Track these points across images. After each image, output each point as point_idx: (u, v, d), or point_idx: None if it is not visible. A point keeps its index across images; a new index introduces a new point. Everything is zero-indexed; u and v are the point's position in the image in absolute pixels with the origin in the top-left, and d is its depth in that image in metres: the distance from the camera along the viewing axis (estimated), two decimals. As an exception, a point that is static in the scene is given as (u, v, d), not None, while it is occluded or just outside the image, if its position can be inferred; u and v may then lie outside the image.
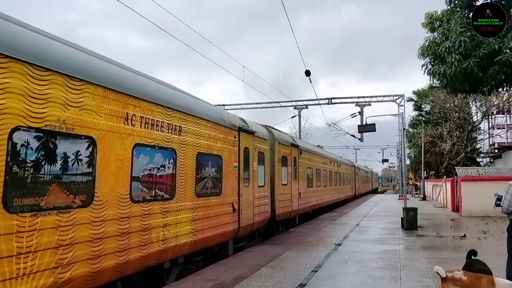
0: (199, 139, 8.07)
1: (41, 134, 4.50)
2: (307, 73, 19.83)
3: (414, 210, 14.95)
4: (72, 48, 5.42)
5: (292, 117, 34.25)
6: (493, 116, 39.22)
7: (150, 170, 6.51)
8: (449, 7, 14.69)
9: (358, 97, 27.26)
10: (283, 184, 14.23)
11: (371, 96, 27.24)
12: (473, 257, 5.99)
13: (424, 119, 43.06)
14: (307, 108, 30.59)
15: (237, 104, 30.15)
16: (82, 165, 5.04)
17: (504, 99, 34.17)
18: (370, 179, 63.53)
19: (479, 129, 40.23)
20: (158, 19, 12.24)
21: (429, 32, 15.33)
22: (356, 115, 26.57)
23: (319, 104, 29.07)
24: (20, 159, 4.27)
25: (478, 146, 41.60)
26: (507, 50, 12.74)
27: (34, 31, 4.95)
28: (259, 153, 11.64)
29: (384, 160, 75.07)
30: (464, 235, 12.64)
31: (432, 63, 14.60)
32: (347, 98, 28.18)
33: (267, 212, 12.32)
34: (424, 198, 36.38)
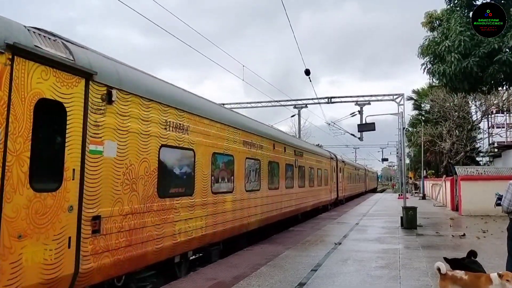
0: None
1: None
2: (307, 72, 19.81)
3: (414, 209, 14.95)
4: None
5: (292, 116, 34.26)
6: (492, 115, 39.19)
7: None
8: (448, 6, 14.69)
9: (358, 96, 27.32)
10: None
11: (371, 95, 27.30)
12: (472, 258, 5.97)
13: (423, 118, 43.05)
14: (307, 107, 30.66)
15: (236, 103, 30.18)
16: None
17: (503, 98, 34.14)
18: (363, 178, 51.65)
19: (479, 128, 40.25)
20: (157, 18, 12.22)
21: (428, 31, 15.33)
22: (356, 114, 26.64)
23: (319, 103, 29.11)
24: None
25: (477, 145, 41.59)
26: (507, 49, 12.74)
27: None
28: None
29: (384, 159, 75.12)
30: (464, 234, 12.65)
31: (431, 62, 14.61)
32: (346, 97, 28.23)
33: None
34: (423, 197, 36.41)
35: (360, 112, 26.27)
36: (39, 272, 4.64)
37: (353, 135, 30.62)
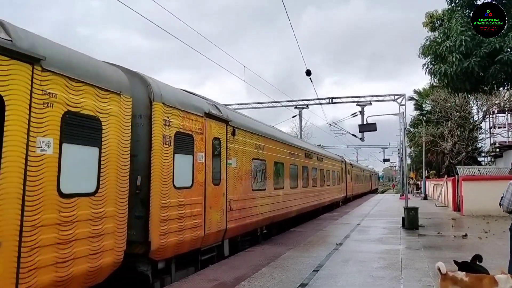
0: None
1: None
2: (308, 73, 19.83)
3: (415, 209, 14.94)
4: None
5: (293, 117, 34.24)
6: (494, 115, 39.18)
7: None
8: (449, 6, 14.68)
9: (359, 97, 27.32)
10: None
11: (372, 96, 27.30)
12: (477, 262, 5.90)
13: (425, 118, 43.02)
14: (308, 107, 30.66)
15: (238, 104, 30.21)
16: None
17: (505, 98, 34.12)
18: (336, 176, 27.38)
19: (480, 128, 40.24)
20: (159, 19, 12.25)
21: (429, 32, 15.33)
22: (357, 115, 26.63)
23: (320, 103, 29.13)
24: None
25: (479, 146, 41.57)
26: (508, 49, 12.72)
27: None
28: None
29: (385, 160, 75.01)
30: (466, 235, 12.63)
31: (433, 62, 14.59)
32: (348, 97, 28.23)
33: None
34: (425, 198, 36.36)
35: (362, 112, 26.26)
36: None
37: (354, 135, 30.60)
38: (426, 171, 42.36)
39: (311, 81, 21.26)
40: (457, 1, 14.41)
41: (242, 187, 10.62)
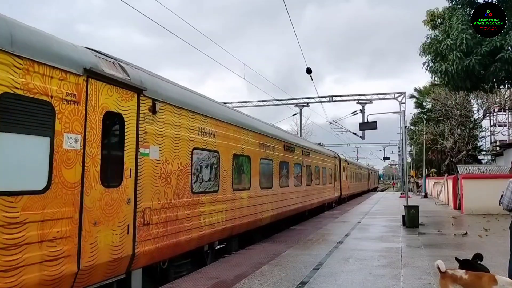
0: None
1: None
2: (308, 71, 19.80)
3: (416, 208, 14.95)
4: None
5: (294, 115, 34.21)
6: (494, 114, 39.13)
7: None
8: (450, 4, 14.65)
9: (359, 95, 27.27)
10: None
11: (372, 94, 27.26)
12: (478, 260, 5.90)
13: (425, 116, 42.97)
14: (308, 106, 30.63)
15: (238, 102, 30.21)
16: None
17: (505, 97, 34.05)
18: (326, 174, 23.60)
19: (481, 126, 40.16)
20: (159, 17, 12.23)
21: (430, 30, 15.30)
22: (358, 113, 26.59)
23: (320, 102, 29.10)
24: None
25: (479, 144, 41.53)
26: (509, 47, 12.70)
27: None
28: None
29: (386, 158, 74.96)
30: (466, 233, 12.64)
31: (433, 60, 14.57)
32: (348, 95, 28.20)
33: None
34: (425, 196, 36.36)
35: (362, 110, 26.24)
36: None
37: (355, 133, 30.55)
38: (426, 169, 42.35)
39: (312, 79, 21.24)
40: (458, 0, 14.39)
41: (172, 190, 7.27)
